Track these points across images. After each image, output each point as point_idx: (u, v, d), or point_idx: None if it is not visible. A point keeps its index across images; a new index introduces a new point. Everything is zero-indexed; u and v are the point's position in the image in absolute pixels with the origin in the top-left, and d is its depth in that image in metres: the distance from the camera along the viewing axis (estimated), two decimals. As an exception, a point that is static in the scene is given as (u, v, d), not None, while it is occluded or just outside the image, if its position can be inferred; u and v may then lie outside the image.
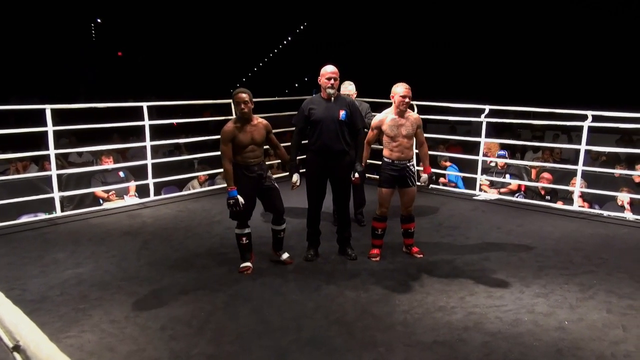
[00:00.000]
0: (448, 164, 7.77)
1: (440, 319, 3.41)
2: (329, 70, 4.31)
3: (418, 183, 4.54)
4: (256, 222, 4.51)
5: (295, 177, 4.41)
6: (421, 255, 4.54)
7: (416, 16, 21.56)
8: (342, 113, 4.31)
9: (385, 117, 4.37)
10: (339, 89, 4.55)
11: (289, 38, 32.59)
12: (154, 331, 3.24)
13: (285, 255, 4.44)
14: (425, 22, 21.25)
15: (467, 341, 3.13)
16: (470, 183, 7.31)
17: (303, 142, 4.55)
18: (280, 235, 4.39)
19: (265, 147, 4.35)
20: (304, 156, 4.73)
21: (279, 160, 5.97)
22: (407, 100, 4.27)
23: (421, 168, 4.59)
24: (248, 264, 4.26)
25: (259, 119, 4.19)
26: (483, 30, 19.61)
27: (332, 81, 4.27)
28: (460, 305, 3.60)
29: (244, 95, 4.00)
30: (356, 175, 4.34)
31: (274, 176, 4.53)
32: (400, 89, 4.28)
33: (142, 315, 3.45)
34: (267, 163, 7.84)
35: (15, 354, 1.19)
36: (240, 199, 4.05)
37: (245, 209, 4.13)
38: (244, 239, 4.24)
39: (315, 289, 3.89)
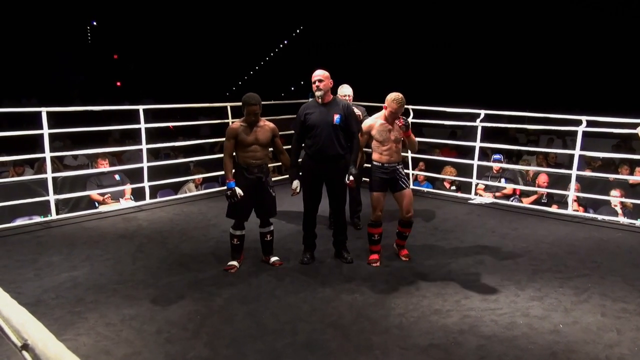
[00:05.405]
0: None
1: (435, 322, 3.42)
2: (315, 73, 4.39)
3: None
4: (253, 225, 4.51)
5: (296, 184, 4.43)
6: (407, 259, 4.54)
7: (411, 21, 21.67)
8: (336, 117, 4.33)
9: (375, 122, 4.42)
10: (335, 92, 4.56)
11: (285, 41, 32.68)
12: (150, 334, 3.24)
13: (274, 258, 4.49)
14: (420, 28, 21.36)
15: (462, 344, 3.14)
16: (465, 187, 7.33)
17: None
18: (267, 237, 4.45)
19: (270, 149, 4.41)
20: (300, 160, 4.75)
21: (278, 163, 5.95)
22: (398, 115, 4.31)
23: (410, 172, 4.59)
24: (234, 263, 4.36)
25: (266, 122, 4.31)
26: (479, 35, 19.73)
27: (317, 83, 4.33)
28: (456, 309, 3.61)
29: (255, 107, 4.15)
30: (351, 178, 4.35)
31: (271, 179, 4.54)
32: (395, 105, 4.26)
33: (138, 318, 3.45)
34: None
35: (24, 353, 1.21)
36: (238, 190, 4.12)
37: (242, 208, 4.21)
38: (235, 239, 4.36)
39: (310, 292, 3.90)
